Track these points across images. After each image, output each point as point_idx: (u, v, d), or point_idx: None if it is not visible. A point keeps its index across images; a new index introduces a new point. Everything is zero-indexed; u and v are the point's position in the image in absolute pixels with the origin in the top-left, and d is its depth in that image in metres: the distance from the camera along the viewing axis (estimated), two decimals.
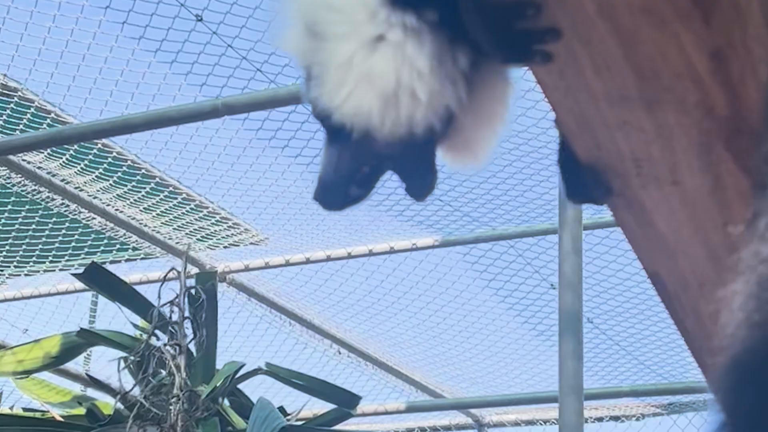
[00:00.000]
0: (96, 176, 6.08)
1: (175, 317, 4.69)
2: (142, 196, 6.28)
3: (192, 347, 4.76)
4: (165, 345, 4.22)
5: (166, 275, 4.60)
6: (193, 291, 4.79)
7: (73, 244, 6.72)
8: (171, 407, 4.09)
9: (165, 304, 4.27)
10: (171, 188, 6.26)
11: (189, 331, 4.78)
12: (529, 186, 6.31)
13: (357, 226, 6.74)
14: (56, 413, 4.89)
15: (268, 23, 1.91)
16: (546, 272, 6.95)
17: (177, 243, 6.64)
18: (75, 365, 6.49)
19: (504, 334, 7.57)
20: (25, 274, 7.26)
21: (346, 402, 5.29)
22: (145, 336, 4.55)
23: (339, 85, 1.70)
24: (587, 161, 1.62)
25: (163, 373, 4.30)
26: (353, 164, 1.76)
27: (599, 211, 5.99)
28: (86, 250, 6.79)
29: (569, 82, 1.52)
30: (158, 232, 6.57)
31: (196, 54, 5.42)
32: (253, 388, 5.41)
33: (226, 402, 5.03)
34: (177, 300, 4.27)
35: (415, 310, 7.36)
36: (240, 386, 5.09)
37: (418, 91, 1.66)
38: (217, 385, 4.88)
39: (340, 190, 1.79)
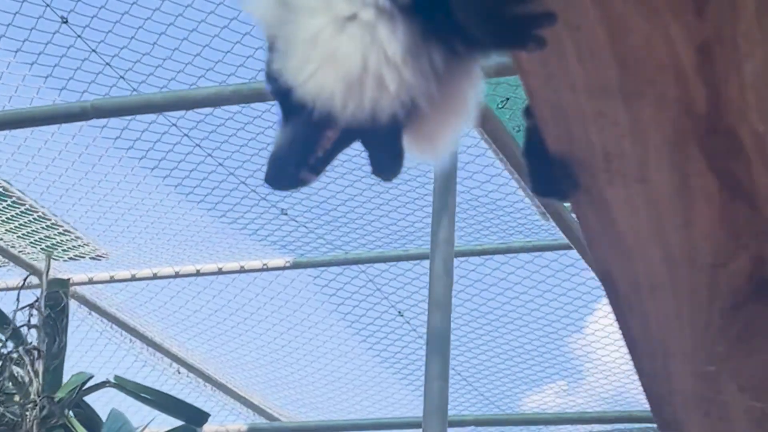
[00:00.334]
0: None
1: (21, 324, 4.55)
2: None
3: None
4: (20, 349, 4.05)
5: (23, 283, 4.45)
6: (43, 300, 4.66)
7: None
8: (27, 413, 3.94)
9: (24, 308, 4.11)
10: (14, 198, 6.06)
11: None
12: (385, 211, 6.31)
13: (208, 243, 6.64)
14: None
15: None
16: (395, 299, 6.96)
17: (20, 252, 6.42)
18: None
19: (348, 360, 7.54)
20: None
21: (194, 419, 5.21)
22: None
23: (303, 62, 1.64)
24: (557, 153, 1.60)
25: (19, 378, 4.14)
26: (309, 143, 1.71)
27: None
28: None
29: (551, 70, 1.50)
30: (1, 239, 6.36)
31: (58, 57, 5.27)
32: (96, 404, 5.24)
33: (71, 413, 4.90)
34: (37, 304, 4.12)
35: (261, 332, 7.28)
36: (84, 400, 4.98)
37: (387, 79, 1.62)
38: (64, 395, 4.75)
39: (291, 169, 1.73)
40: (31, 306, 4.16)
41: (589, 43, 1.46)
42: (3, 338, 4.29)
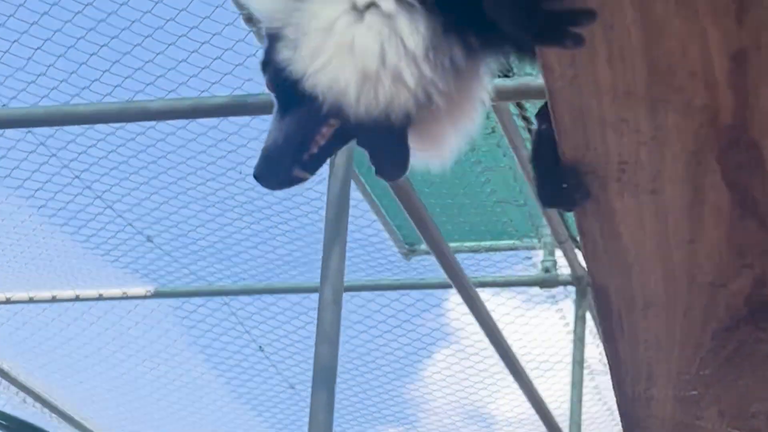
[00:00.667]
0: None
1: None
2: None
3: None
4: None
5: None
6: None
7: None
8: None
9: None
10: None
11: None
12: (254, 243, 6.21)
13: (66, 268, 6.42)
14: None
15: None
16: (256, 333, 6.83)
17: None
18: None
19: (204, 394, 7.36)
20: None
21: None
22: None
23: (316, 51, 1.59)
24: (569, 161, 1.55)
25: None
26: (306, 139, 1.64)
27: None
28: None
29: (578, 71, 1.45)
30: None
31: None
32: None
33: None
34: None
35: (115, 362, 7.05)
36: None
37: (405, 75, 1.57)
38: None
39: (285, 166, 1.65)
40: None
41: (622, 45, 1.41)
42: None
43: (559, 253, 6.26)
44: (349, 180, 4.11)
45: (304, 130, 1.64)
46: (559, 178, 1.57)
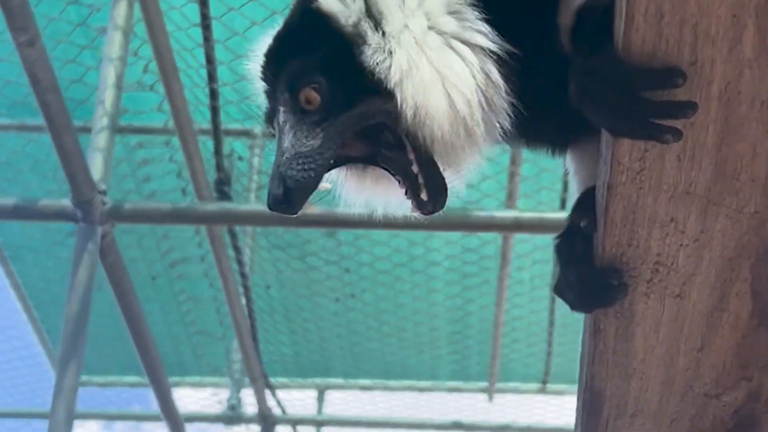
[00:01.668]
0: None
1: None
2: None
3: None
4: None
5: None
6: None
7: None
8: None
9: None
10: None
11: None
12: None
13: None
14: None
15: None
16: None
17: None
18: None
19: None
20: None
21: None
22: None
23: (412, 67, 1.54)
24: (608, 257, 1.51)
25: None
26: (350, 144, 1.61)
27: None
28: None
29: (646, 165, 1.44)
30: None
31: None
32: None
33: None
34: None
35: None
36: None
37: (485, 120, 1.55)
38: None
39: (313, 183, 1.57)
40: None
41: (696, 143, 1.42)
42: None
43: (247, 391, 6.18)
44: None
45: (351, 136, 1.60)
46: (593, 277, 1.52)
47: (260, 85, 1.69)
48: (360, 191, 1.72)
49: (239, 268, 5.35)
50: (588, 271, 1.52)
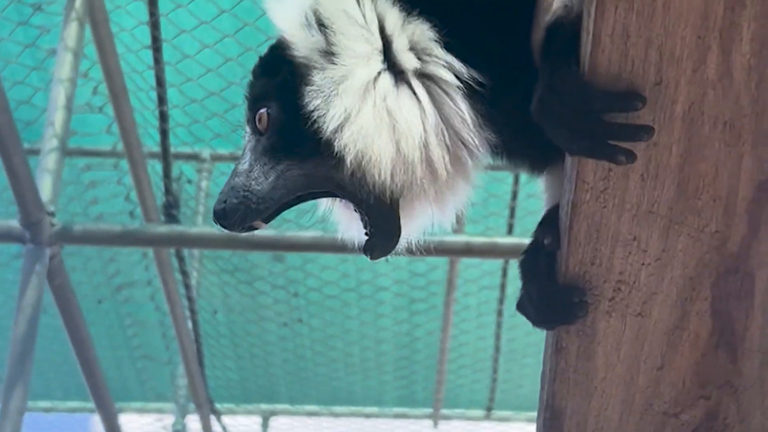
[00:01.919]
0: None
1: None
2: None
3: None
4: None
5: None
6: None
7: None
8: None
9: None
10: None
11: None
12: None
13: None
14: None
15: None
16: None
17: None
18: None
19: None
20: None
21: None
22: None
23: (351, 114, 1.54)
24: (571, 276, 1.52)
25: None
26: (300, 189, 1.61)
27: None
28: None
29: (609, 185, 1.46)
30: None
31: None
32: None
33: None
34: None
35: None
36: None
37: (438, 161, 1.54)
38: None
39: (259, 210, 1.59)
40: None
41: (659, 163, 1.44)
42: None
43: (192, 417, 6.14)
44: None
45: (300, 181, 1.59)
46: (555, 294, 1.54)
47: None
48: (337, 216, 1.73)
49: (186, 292, 5.32)
50: (550, 288, 1.54)
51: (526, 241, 1.61)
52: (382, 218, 1.59)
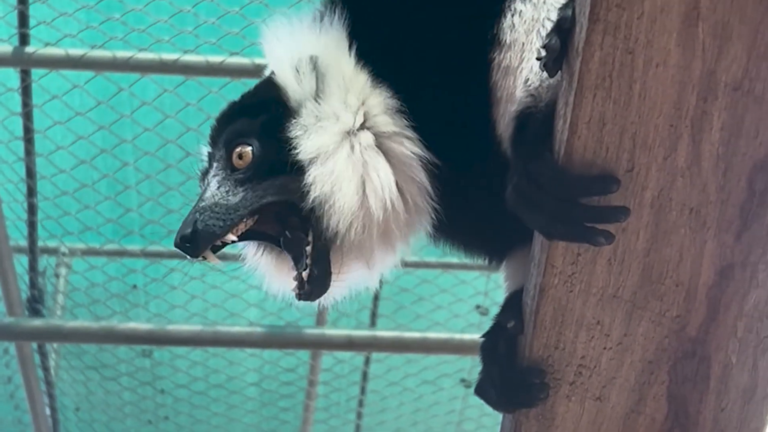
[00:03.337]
0: None
1: None
2: None
3: None
4: None
5: None
6: None
7: None
8: None
9: None
10: None
11: None
12: None
13: None
14: None
15: None
16: None
17: None
18: None
19: None
20: None
21: None
22: None
23: (327, 154, 1.61)
24: (535, 359, 1.54)
25: None
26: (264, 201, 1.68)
27: None
28: None
29: (578, 269, 1.48)
30: None
31: None
32: None
33: None
34: None
35: None
36: None
37: (394, 223, 1.59)
38: None
39: (219, 233, 1.65)
40: None
41: (627, 248, 1.47)
42: None
43: None
44: None
45: (268, 193, 1.66)
46: (515, 376, 1.55)
47: (205, 150, 1.78)
48: (264, 269, 1.79)
49: (47, 389, 5.17)
50: (510, 371, 1.56)
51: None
52: (322, 259, 1.64)
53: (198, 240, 1.62)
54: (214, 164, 1.72)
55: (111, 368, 5.30)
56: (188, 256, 1.64)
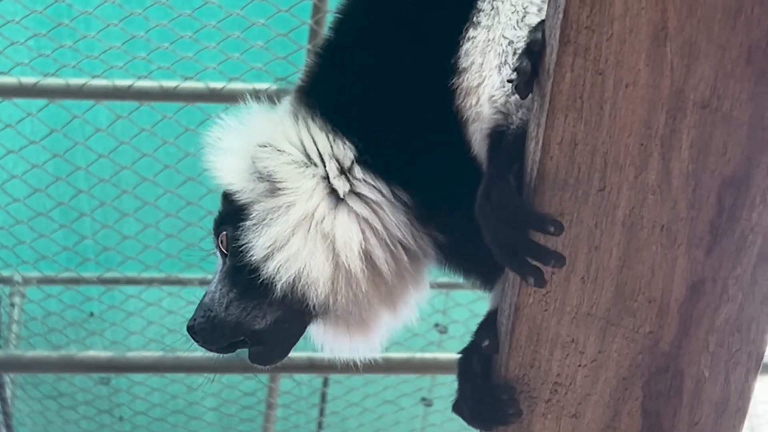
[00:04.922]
0: None
1: None
2: None
3: None
4: None
5: None
6: None
7: None
8: None
9: None
10: None
11: None
12: None
13: None
14: None
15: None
16: None
17: None
18: None
19: None
20: None
21: None
22: None
23: (285, 242, 1.55)
24: (510, 378, 1.55)
25: None
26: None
27: None
28: None
29: (552, 288, 1.50)
30: None
31: None
32: None
33: None
34: None
35: None
36: None
37: (378, 281, 1.60)
38: None
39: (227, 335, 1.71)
40: None
41: (599, 266, 1.49)
42: None
43: None
44: None
45: (249, 302, 1.69)
46: (488, 392, 1.57)
47: None
48: None
49: (5, 419, 5.12)
50: (484, 388, 1.57)
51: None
52: (279, 329, 1.69)
53: (199, 341, 1.72)
54: (217, 250, 1.79)
55: (69, 397, 5.25)
56: None
